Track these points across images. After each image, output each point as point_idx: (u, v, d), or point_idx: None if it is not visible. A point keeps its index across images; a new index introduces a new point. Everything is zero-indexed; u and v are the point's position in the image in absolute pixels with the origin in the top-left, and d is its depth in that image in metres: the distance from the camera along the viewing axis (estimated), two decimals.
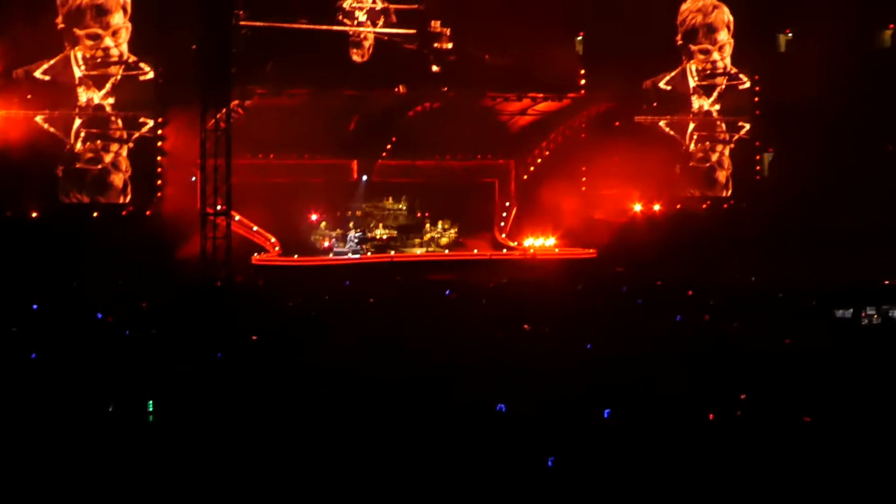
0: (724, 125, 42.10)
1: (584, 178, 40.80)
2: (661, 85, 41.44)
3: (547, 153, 40.62)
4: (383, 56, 38.54)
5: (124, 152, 36.05)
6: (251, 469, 13.19)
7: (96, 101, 35.69)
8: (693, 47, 41.63)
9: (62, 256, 32.24)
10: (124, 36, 35.76)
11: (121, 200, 35.84)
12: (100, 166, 35.81)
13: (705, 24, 41.69)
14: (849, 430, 14.09)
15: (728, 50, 41.79)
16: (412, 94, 38.21)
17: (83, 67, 35.60)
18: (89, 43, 35.49)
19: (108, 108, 35.78)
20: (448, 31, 38.73)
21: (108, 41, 35.62)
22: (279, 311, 27.07)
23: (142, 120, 36.05)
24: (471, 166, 40.29)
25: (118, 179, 36.03)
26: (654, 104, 41.34)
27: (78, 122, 35.65)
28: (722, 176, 41.99)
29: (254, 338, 22.46)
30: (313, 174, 38.46)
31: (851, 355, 20.08)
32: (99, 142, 35.87)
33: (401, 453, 13.60)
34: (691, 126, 41.82)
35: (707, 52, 41.72)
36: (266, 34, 37.29)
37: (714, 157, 42.01)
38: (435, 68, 38.44)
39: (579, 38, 40.96)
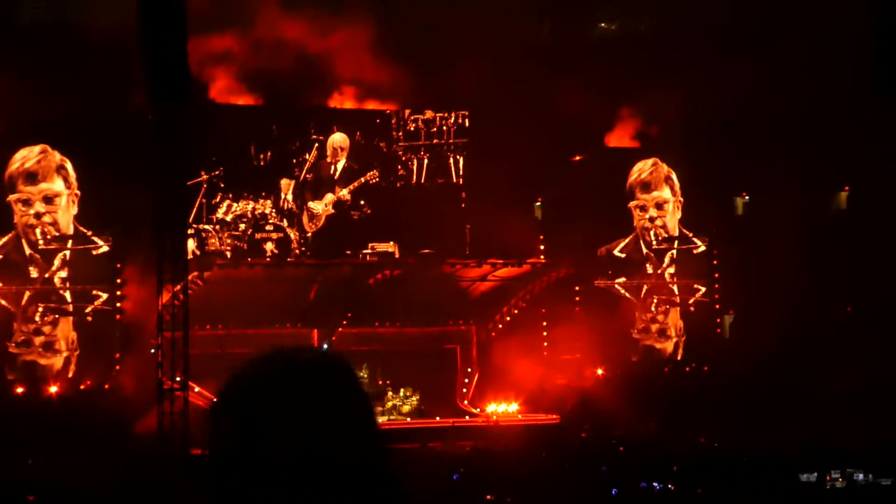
0: (679, 289, 42.36)
1: (545, 343, 40.86)
2: (616, 252, 41.81)
3: (508, 319, 40.65)
4: (336, 225, 38.99)
5: (74, 327, 35.87)
6: None
7: (46, 275, 35.61)
8: (636, 203, 42.06)
9: (15, 433, 31.82)
10: (72, 210, 35.82)
11: (70, 374, 35.63)
12: (51, 341, 35.64)
13: (642, 181, 42.14)
14: None
15: (675, 212, 42.20)
16: (371, 262, 38.33)
17: (38, 243, 35.57)
18: (25, 210, 35.48)
19: (58, 283, 35.69)
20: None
21: (56, 216, 35.64)
22: None
23: (95, 293, 35.97)
24: (432, 333, 40.22)
25: (70, 355, 35.80)
26: (610, 271, 41.66)
27: (27, 295, 35.55)
28: (681, 340, 42.11)
29: None
30: (273, 344, 38.25)
31: None
32: (50, 316, 35.70)
33: None
34: (645, 289, 42.06)
35: (651, 208, 42.11)
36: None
37: (671, 321, 42.19)
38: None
39: (538, 203, 41.36)
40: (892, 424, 31.05)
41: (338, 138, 39.34)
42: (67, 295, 35.92)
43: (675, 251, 42.40)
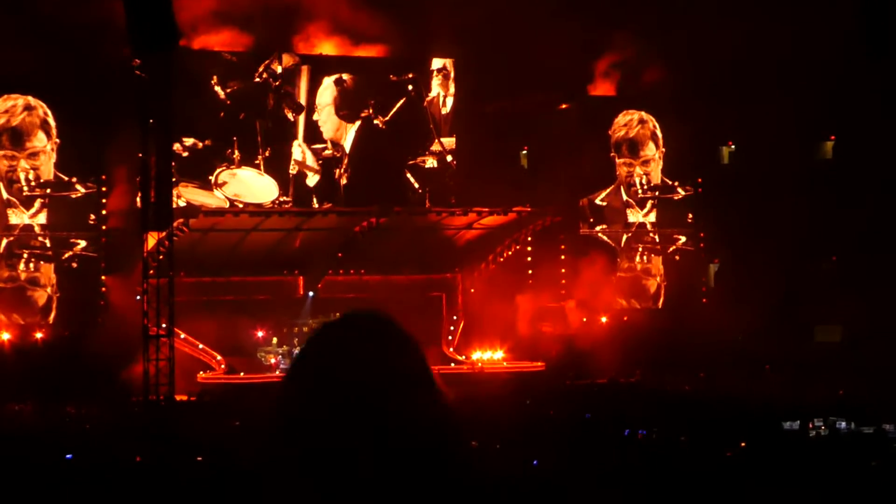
0: (660, 237, 42.43)
1: (530, 291, 40.89)
2: (598, 201, 41.84)
3: (493, 266, 40.64)
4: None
5: (54, 272, 35.91)
6: None
7: (26, 221, 35.65)
8: (623, 160, 42.10)
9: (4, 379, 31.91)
10: (52, 157, 35.78)
11: (51, 320, 35.69)
12: (29, 286, 35.72)
13: (630, 139, 42.19)
14: None
15: (659, 163, 42.26)
16: (357, 210, 38.21)
17: (19, 189, 35.58)
18: (10, 164, 35.46)
19: (37, 229, 35.75)
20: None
21: (37, 162, 35.61)
22: (225, 430, 26.74)
23: (74, 240, 35.99)
24: (418, 281, 40.20)
25: (49, 300, 35.86)
26: (592, 219, 41.75)
27: (5, 242, 35.62)
28: (662, 288, 42.24)
29: (199, 458, 22.17)
30: (259, 291, 38.25)
31: (798, 468, 20.00)
32: (29, 263, 35.77)
33: None
34: (625, 238, 42.16)
35: (638, 166, 42.17)
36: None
37: (655, 270, 42.31)
38: None
39: (524, 151, 41.32)
40: (875, 374, 31.20)
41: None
42: (48, 241, 35.94)
43: (656, 199, 42.45)
